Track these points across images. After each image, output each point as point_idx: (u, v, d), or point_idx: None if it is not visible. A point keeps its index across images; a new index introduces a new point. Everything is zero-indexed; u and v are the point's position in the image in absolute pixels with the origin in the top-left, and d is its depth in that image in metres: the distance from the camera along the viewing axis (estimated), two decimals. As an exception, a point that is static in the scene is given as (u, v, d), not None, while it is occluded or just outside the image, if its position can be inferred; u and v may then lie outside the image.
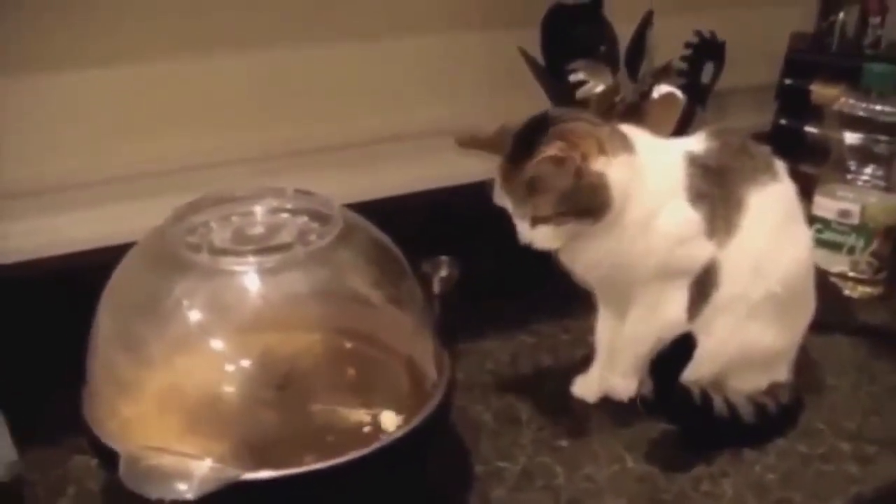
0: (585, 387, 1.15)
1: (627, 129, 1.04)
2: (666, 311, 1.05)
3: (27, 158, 1.20)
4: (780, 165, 1.08)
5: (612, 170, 0.98)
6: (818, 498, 0.99)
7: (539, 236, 1.01)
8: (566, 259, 1.06)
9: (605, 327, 1.15)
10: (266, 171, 1.32)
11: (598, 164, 0.97)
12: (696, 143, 1.06)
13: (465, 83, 1.47)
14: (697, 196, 1.01)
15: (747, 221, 1.03)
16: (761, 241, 1.04)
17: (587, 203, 0.98)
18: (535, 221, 1.00)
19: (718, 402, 1.05)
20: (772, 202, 1.05)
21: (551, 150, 0.96)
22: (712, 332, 1.05)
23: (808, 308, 1.11)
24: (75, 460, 1.02)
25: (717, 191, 1.03)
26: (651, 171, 1.01)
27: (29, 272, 1.19)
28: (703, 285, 1.04)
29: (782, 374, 1.11)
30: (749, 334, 1.06)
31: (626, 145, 1.00)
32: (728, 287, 1.04)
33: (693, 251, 1.03)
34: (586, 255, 1.04)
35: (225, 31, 1.27)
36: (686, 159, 1.03)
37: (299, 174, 1.23)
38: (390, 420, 0.92)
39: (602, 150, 0.98)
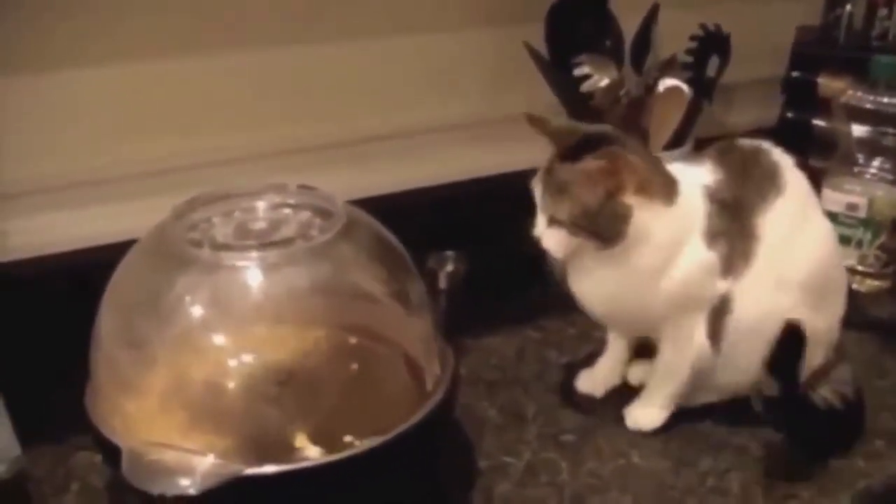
0: (591, 381, 1.16)
1: (678, 173, 1.03)
2: (696, 344, 1.05)
3: (28, 157, 1.20)
4: (787, 166, 1.06)
5: (641, 212, 0.97)
6: (825, 493, 0.98)
7: (549, 237, 1.01)
8: (577, 290, 1.06)
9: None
10: (270, 169, 1.31)
11: (632, 200, 0.97)
12: (708, 173, 1.05)
13: (469, 79, 1.47)
14: (714, 237, 1.01)
15: (762, 249, 1.03)
16: (778, 258, 1.03)
17: (603, 228, 0.98)
18: (552, 221, 1.01)
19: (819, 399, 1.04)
20: (781, 216, 1.04)
21: (592, 165, 0.96)
22: (739, 354, 1.05)
23: (839, 293, 1.10)
24: (79, 456, 1.02)
25: (734, 226, 1.02)
26: (679, 219, 1.00)
27: (33, 269, 1.19)
28: (719, 317, 1.04)
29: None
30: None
31: (668, 195, 1.00)
32: (746, 311, 1.03)
33: (706, 290, 1.02)
34: (597, 289, 1.05)
35: (226, 29, 1.27)
36: (705, 197, 1.02)
37: (303, 171, 1.22)
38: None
39: (642, 190, 0.97)
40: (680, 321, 1.04)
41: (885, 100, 1.32)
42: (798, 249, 1.05)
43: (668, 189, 1.00)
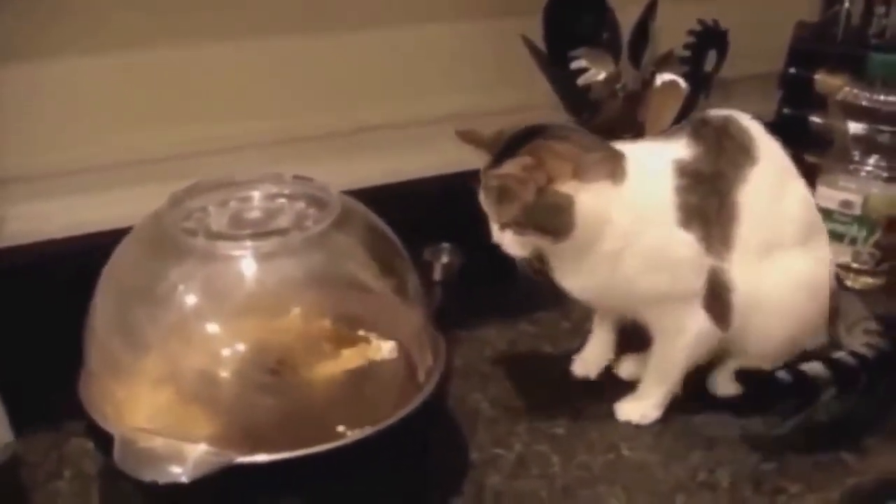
0: (584, 365, 1.17)
1: (627, 150, 1.02)
2: (689, 333, 1.05)
3: (26, 144, 1.20)
4: (758, 134, 1.06)
5: (584, 196, 0.97)
6: (814, 489, 0.98)
7: (506, 241, 1.02)
8: (562, 283, 1.06)
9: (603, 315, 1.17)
10: (266, 158, 1.32)
11: (568, 188, 0.97)
12: (682, 147, 1.03)
13: (467, 71, 1.47)
14: (688, 212, 1.00)
15: (745, 221, 1.02)
16: (763, 226, 1.03)
17: (547, 221, 0.98)
18: (503, 226, 1.01)
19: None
20: (759, 186, 1.03)
21: (514, 166, 0.96)
22: (751, 329, 1.05)
23: (823, 241, 1.11)
24: (72, 443, 1.03)
25: (711, 201, 1.01)
26: (637, 197, 0.99)
27: (28, 256, 1.20)
28: (719, 295, 1.03)
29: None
30: (786, 310, 1.06)
31: (612, 173, 0.99)
32: (744, 285, 1.03)
33: (689, 273, 1.02)
34: (575, 279, 1.04)
35: (223, 19, 1.27)
36: (674, 171, 1.01)
37: (300, 161, 1.23)
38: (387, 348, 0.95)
39: (576, 175, 0.97)
40: (669, 308, 1.04)
41: (882, 97, 1.32)
42: (780, 214, 1.05)
43: (611, 167, 0.99)
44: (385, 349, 0.96)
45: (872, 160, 1.35)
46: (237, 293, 0.96)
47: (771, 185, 1.05)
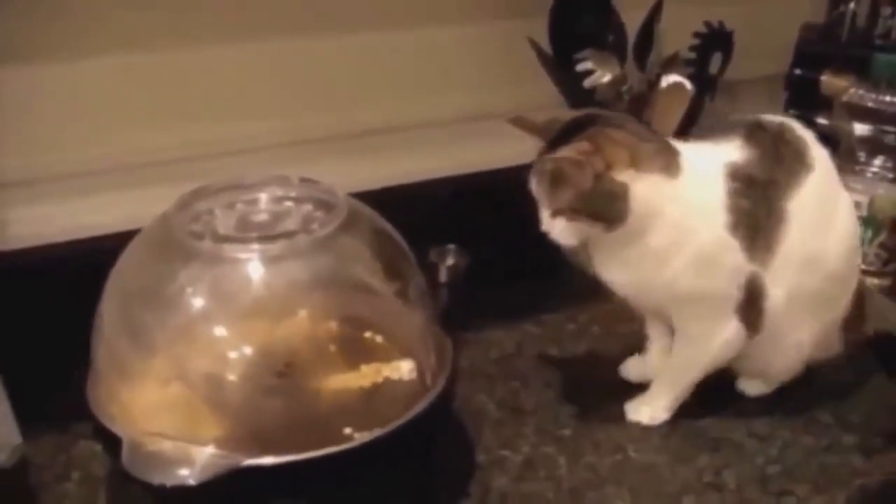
0: (642, 368, 1.16)
1: (681, 147, 1.01)
2: (716, 338, 1.04)
3: (31, 146, 1.20)
4: (812, 142, 1.06)
5: (639, 185, 0.96)
6: (821, 490, 0.98)
7: (556, 228, 1.01)
8: (602, 275, 1.06)
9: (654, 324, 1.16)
10: (272, 160, 1.32)
11: (624, 176, 0.95)
12: (736, 150, 1.02)
13: (473, 73, 1.47)
14: (738, 218, 0.99)
15: (791, 231, 1.01)
16: (808, 237, 1.03)
17: (602, 209, 0.97)
18: (554, 213, 1.00)
19: None
20: (811, 195, 1.02)
21: (572, 151, 0.95)
22: (782, 334, 1.05)
23: (857, 260, 1.12)
24: (80, 445, 1.03)
25: (761, 207, 1.00)
26: (689, 194, 0.98)
27: (35, 258, 1.20)
28: (754, 301, 1.02)
29: None
30: (819, 317, 1.07)
31: (667, 166, 0.98)
32: (779, 292, 1.03)
33: (728, 279, 1.01)
34: (617, 272, 1.04)
35: (229, 20, 1.27)
36: (726, 175, 1.00)
37: (306, 163, 1.22)
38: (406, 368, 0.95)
39: (633, 163, 0.96)
40: (702, 311, 1.03)
41: (887, 98, 1.33)
42: (829, 227, 1.05)
43: (667, 160, 0.98)
44: (405, 370, 0.96)
45: (878, 161, 1.35)
46: (244, 296, 0.96)
47: (822, 195, 1.04)
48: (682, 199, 0.98)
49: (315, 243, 0.94)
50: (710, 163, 1.01)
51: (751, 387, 1.13)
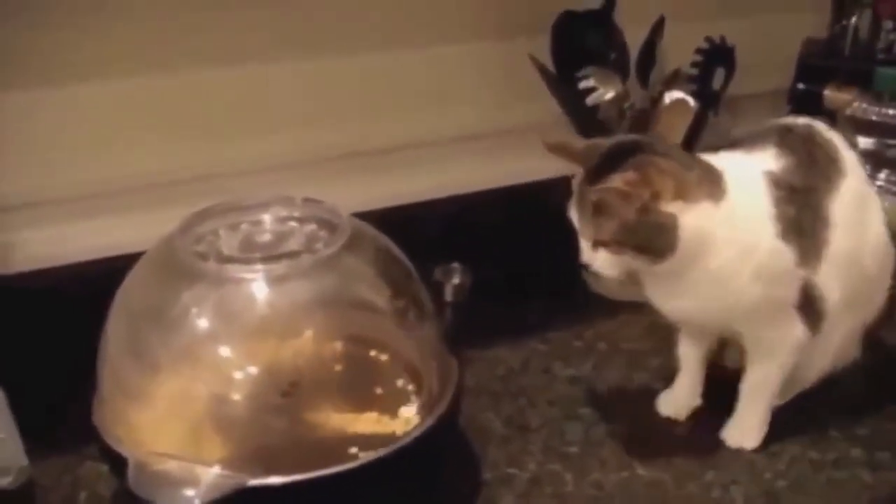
0: (673, 404, 1.14)
1: (719, 161, 0.99)
2: (787, 344, 1.04)
3: (34, 168, 1.21)
4: (842, 144, 1.06)
5: (688, 216, 0.93)
6: (829, 505, 0.99)
7: (598, 260, 0.98)
8: (656, 301, 1.04)
9: (687, 344, 1.13)
10: (276, 181, 1.32)
11: (672, 207, 0.93)
12: (772, 158, 1.01)
13: (476, 91, 1.48)
14: (788, 225, 0.98)
15: (835, 235, 1.01)
16: (848, 239, 1.02)
17: (649, 241, 0.94)
18: (596, 244, 0.97)
19: None
20: (848, 198, 1.03)
21: (619, 181, 0.92)
22: (835, 331, 1.06)
23: (889, 262, 1.11)
24: (86, 466, 1.03)
25: (805, 214, 0.99)
26: (738, 213, 0.96)
27: (40, 281, 1.20)
28: (812, 305, 1.02)
29: None
30: (855, 317, 1.08)
31: (714, 191, 0.95)
32: (833, 294, 1.03)
33: (785, 282, 1.00)
34: (675, 301, 1.02)
35: (231, 42, 1.28)
36: (768, 184, 0.99)
37: (309, 183, 1.23)
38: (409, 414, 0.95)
39: (681, 194, 0.93)
40: (767, 319, 1.02)
41: (891, 112, 1.33)
42: (865, 228, 1.05)
43: (711, 185, 0.95)
44: (412, 422, 0.94)
45: (883, 175, 1.35)
46: (249, 316, 0.96)
47: (857, 196, 1.05)
48: (732, 221, 0.96)
49: (319, 263, 0.95)
50: (750, 175, 0.99)
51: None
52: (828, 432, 1.09)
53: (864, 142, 1.36)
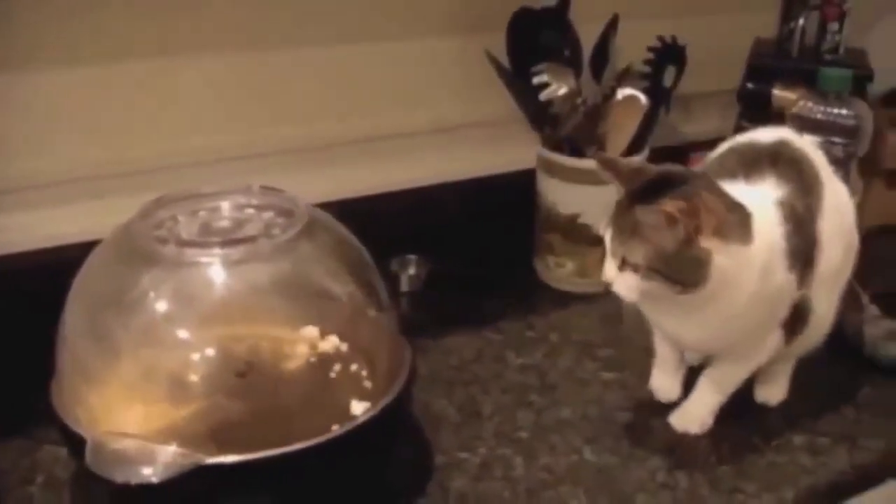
0: (666, 391, 1.16)
1: (748, 197, 1.00)
2: (761, 353, 1.07)
3: (9, 155, 1.21)
4: (812, 152, 1.09)
5: (721, 255, 0.94)
6: (770, 488, 1.01)
7: (621, 281, 0.97)
8: (669, 329, 1.08)
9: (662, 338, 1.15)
10: (237, 171, 1.33)
11: (709, 243, 0.94)
12: (774, 188, 1.04)
13: (435, 86, 1.50)
14: (794, 256, 1.01)
15: (824, 250, 1.04)
16: (834, 248, 1.06)
17: (681, 272, 0.95)
18: (624, 265, 0.97)
19: None
20: (830, 208, 1.06)
21: (671, 206, 0.92)
22: (811, 332, 1.09)
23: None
24: (44, 450, 1.04)
25: (806, 238, 1.03)
26: (760, 256, 0.98)
27: (7, 266, 1.21)
28: (800, 317, 1.05)
29: None
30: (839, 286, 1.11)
31: (745, 234, 0.96)
32: (822, 303, 1.07)
33: (784, 307, 1.03)
34: (686, 328, 1.05)
35: (198, 34, 1.29)
36: (781, 218, 1.01)
37: (269, 174, 1.23)
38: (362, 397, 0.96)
39: (719, 232, 0.94)
40: (756, 336, 1.05)
41: (835, 111, 1.35)
42: (843, 226, 1.08)
43: (743, 229, 0.97)
44: (364, 405, 0.95)
45: (828, 172, 1.38)
46: (206, 299, 0.98)
47: (834, 201, 1.07)
48: (755, 265, 0.97)
49: (276, 248, 0.96)
50: (766, 213, 1.00)
51: (772, 397, 1.16)
52: (771, 419, 1.13)
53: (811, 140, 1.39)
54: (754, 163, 1.06)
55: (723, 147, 1.13)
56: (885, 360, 1.23)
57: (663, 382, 1.16)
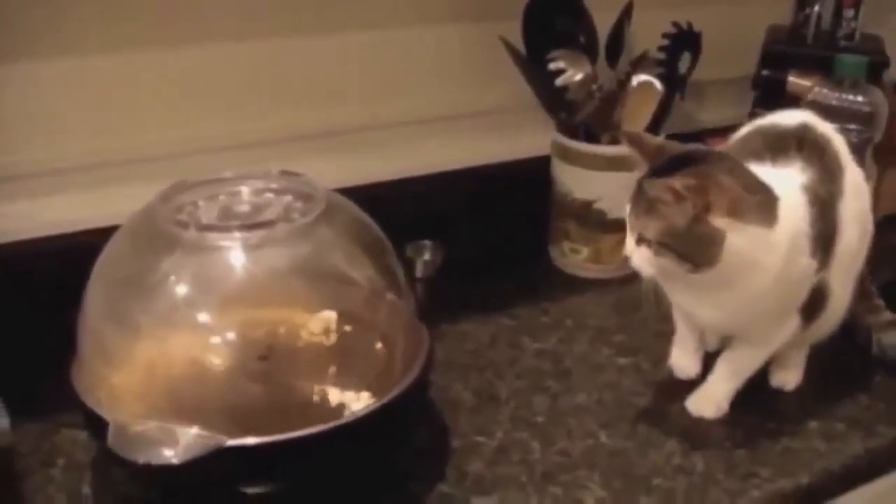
0: (685, 368, 1.17)
1: (775, 181, 0.99)
2: (778, 337, 1.07)
3: (15, 143, 1.21)
4: (833, 136, 1.09)
5: (738, 236, 0.94)
6: (785, 473, 1.02)
7: (638, 256, 0.99)
8: (681, 302, 1.08)
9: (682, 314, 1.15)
10: (255, 158, 1.31)
11: (723, 223, 0.94)
12: (800, 172, 1.04)
13: (451, 72, 1.49)
14: (817, 240, 1.01)
15: (843, 234, 1.05)
16: (853, 231, 1.06)
17: (691, 250, 0.95)
18: (640, 240, 0.98)
19: None
20: (851, 196, 1.06)
21: (677, 183, 0.92)
22: (829, 316, 1.09)
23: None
24: (64, 433, 1.04)
25: (828, 223, 1.03)
26: (784, 239, 0.97)
27: (22, 251, 1.21)
28: (818, 301, 1.06)
29: None
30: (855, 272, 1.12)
31: (769, 218, 0.96)
32: (838, 285, 1.07)
33: (803, 291, 1.03)
34: (706, 311, 1.05)
35: (213, 20, 1.29)
36: (806, 203, 1.01)
37: (288, 160, 1.23)
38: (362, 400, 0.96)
39: (734, 213, 0.94)
40: (772, 319, 1.05)
41: (850, 97, 1.35)
42: (861, 212, 1.08)
43: (766, 212, 0.96)
44: (385, 386, 0.95)
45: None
46: (226, 283, 0.98)
47: (854, 187, 1.07)
48: (778, 247, 0.97)
49: (295, 232, 0.97)
50: (791, 194, 1.00)
51: (787, 382, 1.16)
52: (785, 405, 1.13)
53: (826, 127, 1.39)
54: (780, 146, 1.06)
55: (745, 129, 1.13)
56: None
57: (682, 360, 1.16)
